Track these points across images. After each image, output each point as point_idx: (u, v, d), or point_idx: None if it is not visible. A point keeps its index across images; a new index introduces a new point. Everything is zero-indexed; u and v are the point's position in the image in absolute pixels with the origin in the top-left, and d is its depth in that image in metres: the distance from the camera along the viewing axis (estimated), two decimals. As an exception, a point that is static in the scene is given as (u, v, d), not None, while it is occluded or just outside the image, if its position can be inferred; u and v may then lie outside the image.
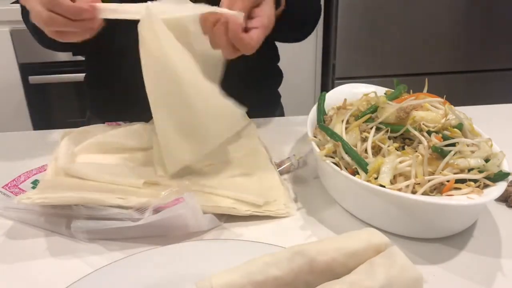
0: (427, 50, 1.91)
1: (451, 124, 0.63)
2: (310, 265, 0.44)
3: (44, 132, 0.86)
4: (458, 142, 0.58)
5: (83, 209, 0.57)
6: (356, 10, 1.83)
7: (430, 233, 0.58)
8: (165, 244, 0.54)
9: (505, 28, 1.91)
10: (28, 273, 0.53)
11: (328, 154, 0.62)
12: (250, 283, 0.43)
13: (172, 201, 0.56)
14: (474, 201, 0.52)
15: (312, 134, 0.67)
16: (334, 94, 0.76)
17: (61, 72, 1.77)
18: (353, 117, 0.67)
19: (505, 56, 1.97)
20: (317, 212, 0.63)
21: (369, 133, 0.62)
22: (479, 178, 0.55)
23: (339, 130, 0.64)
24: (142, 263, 0.51)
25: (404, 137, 0.63)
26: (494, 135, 0.62)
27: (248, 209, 0.61)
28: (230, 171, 0.69)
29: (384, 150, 0.60)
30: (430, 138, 0.59)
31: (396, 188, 0.55)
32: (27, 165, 0.69)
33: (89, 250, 0.56)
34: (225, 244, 0.54)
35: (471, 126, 0.64)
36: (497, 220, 0.61)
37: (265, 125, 0.85)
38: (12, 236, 0.59)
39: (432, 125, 0.62)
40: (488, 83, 2.00)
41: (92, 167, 0.67)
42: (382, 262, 0.44)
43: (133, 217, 0.56)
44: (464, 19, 1.89)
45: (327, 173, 0.64)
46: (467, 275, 0.52)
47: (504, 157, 0.58)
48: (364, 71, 1.91)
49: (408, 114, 0.63)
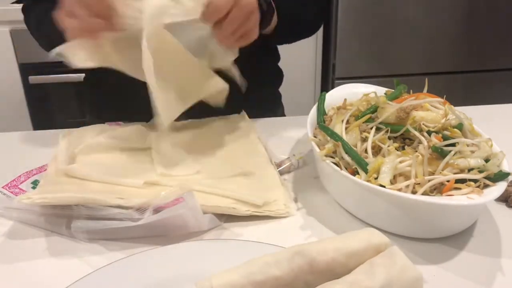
0: (427, 50, 1.91)
1: (451, 124, 0.63)
2: (310, 265, 0.44)
3: (44, 132, 0.86)
4: (458, 142, 0.58)
5: (83, 209, 0.57)
6: (356, 10, 1.83)
7: (430, 233, 0.58)
8: (165, 244, 0.54)
9: (505, 28, 1.91)
10: (28, 273, 0.53)
11: (328, 154, 0.62)
12: (250, 283, 0.43)
13: (172, 201, 0.56)
14: (474, 201, 0.52)
15: (312, 134, 0.67)
16: (334, 94, 0.76)
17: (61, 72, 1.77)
18: (353, 117, 0.67)
19: (505, 56, 1.97)
20: (317, 212, 0.63)
21: (369, 133, 0.62)
22: (479, 178, 0.55)
23: (339, 130, 0.64)
24: (142, 263, 0.51)
25: (404, 137, 0.63)
26: (494, 135, 0.62)
27: (248, 209, 0.61)
28: (230, 171, 0.69)
29: (384, 150, 0.60)
30: (430, 138, 0.59)
31: (396, 188, 0.55)
32: (27, 165, 0.69)
33: (89, 250, 0.56)
34: (225, 244, 0.54)
35: (471, 126, 0.64)
36: (497, 220, 0.61)
37: (265, 125, 0.85)
38: (12, 236, 0.59)
39: (432, 125, 0.62)
40: (488, 83, 2.00)
41: (92, 167, 0.67)
42: (382, 262, 0.44)
43: (133, 217, 0.56)
44: (464, 19, 1.89)
45: (327, 173, 0.64)
46: (467, 275, 0.52)
47: (504, 157, 0.58)
48: (364, 71, 1.91)
49: (408, 114, 0.63)
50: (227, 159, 0.72)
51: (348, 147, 0.60)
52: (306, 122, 0.69)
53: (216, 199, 0.62)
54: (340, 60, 1.91)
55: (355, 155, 0.59)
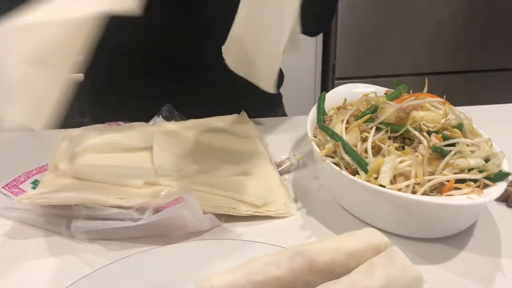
0: (427, 50, 1.91)
1: (451, 124, 0.63)
2: (310, 265, 0.44)
3: (44, 132, 0.86)
4: (458, 142, 0.58)
5: (83, 209, 0.57)
6: (356, 10, 1.83)
7: (430, 233, 0.58)
8: (165, 244, 0.54)
9: (505, 28, 1.91)
10: (28, 273, 0.53)
11: (328, 154, 0.62)
12: (250, 283, 0.43)
13: (172, 201, 0.56)
14: (474, 201, 0.52)
15: (312, 134, 0.67)
16: (334, 94, 0.76)
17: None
18: (353, 117, 0.67)
19: (505, 56, 1.97)
20: (317, 212, 0.63)
21: (369, 133, 0.62)
22: (479, 178, 0.55)
23: (339, 130, 0.64)
24: (142, 263, 0.51)
25: (404, 137, 0.63)
26: (494, 135, 0.62)
27: (248, 209, 0.61)
28: (230, 171, 0.69)
29: (384, 150, 0.60)
30: (430, 138, 0.59)
31: (396, 188, 0.55)
32: (27, 165, 0.69)
33: (89, 250, 0.56)
34: (225, 244, 0.54)
35: (471, 126, 0.64)
36: (497, 220, 0.61)
37: (265, 125, 0.85)
38: (12, 236, 0.59)
39: (432, 125, 0.62)
40: (488, 83, 2.00)
41: (92, 167, 0.67)
42: (382, 262, 0.44)
43: (133, 217, 0.56)
44: (464, 19, 1.89)
45: (327, 173, 0.64)
46: (467, 275, 0.53)
47: (504, 157, 0.58)
48: (364, 71, 1.91)
49: (408, 114, 0.63)
50: (227, 159, 0.72)
51: (348, 147, 0.60)
52: (306, 122, 0.69)
53: (216, 199, 0.62)
54: (340, 60, 1.91)
55: (355, 155, 0.59)
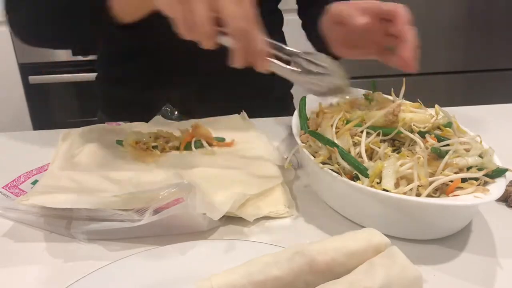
0: (427, 50, 1.91)
1: (440, 123, 0.63)
2: (310, 265, 0.44)
3: (44, 132, 0.86)
4: (453, 141, 0.59)
5: (83, 210, 0.57)
6: (356, 10, 1.82)
7: (431, 234, 0.57)
8: (165, 244, 0.54)
9: (505, 28, 1.91)
10: (28, 273, 0.53)
11: (323, 161, 0.61)
12: (250, 283, 0.43)
13: (172, 201, 0.55)
14: (483, 200, 0.52)
15: (300, 141, 0.65)
16: (312, 97, 0.72)
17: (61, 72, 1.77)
18: (340, 122, 0.65)
19: (505, 56, 1.97)
20: (317, 212, 0.63)
21: (361, 137, 0.62)
22: (480, 176, 0.56)
23: (330, 136, 0.62)
24: (142, 263, 0.51)
25: (393, 139, 0.63)
26: (494, 135, 0.63)
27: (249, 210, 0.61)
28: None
29: (380, 153, 0.59)
30: (425, 139, 0.59)
31: (401, 192, 0.54)
32: (27, 165, 0.69)
33: (89, 250, 0.56)
34: (226, 244, 0.54)
35: (457, 124, 0.65)
36: (497, 220, 0.61)
37: (265, 125, 0.85)
38: (12, 236, 0.59)
39: (422, 126, 0.63)
40: (488, 83, 2.00)
41: (92, 167, 0.67)
42: (382, 262, 0.44)
43: (133, 218, 0.56)
44: (464, 19, 1.89)
45: (325, 181, 0.62)
46: (467, 275, 0.52)
47: (493, 152, 0.59)
48: (363, 71, 1.91)
49: (397, 117, 0.63)
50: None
51: (345, 153, 0.59)
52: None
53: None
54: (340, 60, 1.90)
55: (354, 161, 0.58)
